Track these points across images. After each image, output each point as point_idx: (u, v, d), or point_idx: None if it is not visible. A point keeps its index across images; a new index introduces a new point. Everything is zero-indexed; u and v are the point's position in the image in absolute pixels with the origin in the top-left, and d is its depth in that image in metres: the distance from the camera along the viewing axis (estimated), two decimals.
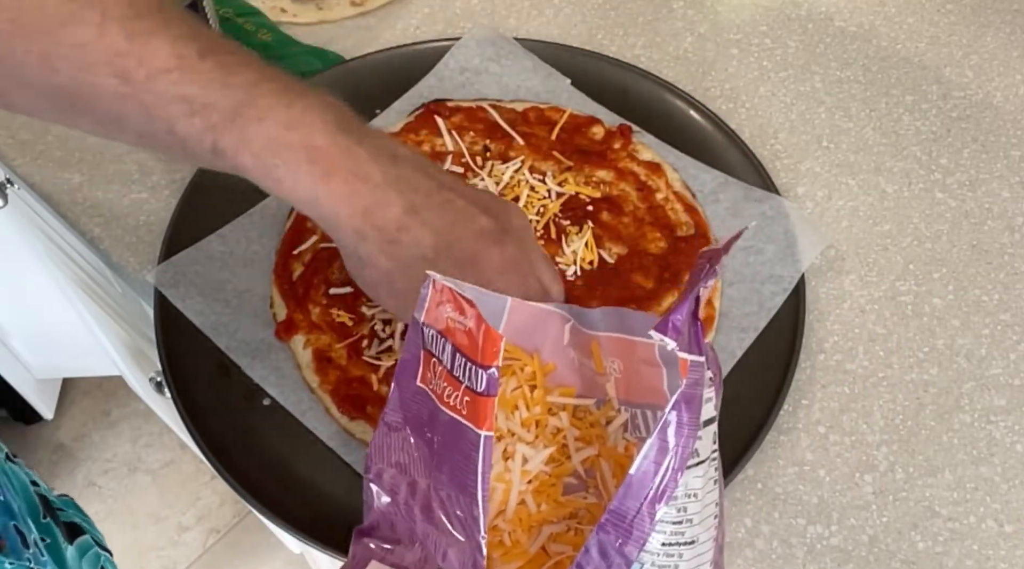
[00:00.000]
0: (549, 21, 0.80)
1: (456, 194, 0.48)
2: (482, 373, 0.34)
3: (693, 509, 0.33)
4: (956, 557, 0.54)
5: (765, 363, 0.59)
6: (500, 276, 0.47)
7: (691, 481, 0.33)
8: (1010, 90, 0.76)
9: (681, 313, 0.32)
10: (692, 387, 0.32)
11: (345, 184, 0.44)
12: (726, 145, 0.69)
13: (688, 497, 0.33)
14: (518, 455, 0.41)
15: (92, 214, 0.67)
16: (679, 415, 0.32)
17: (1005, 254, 0.67)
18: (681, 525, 0.33)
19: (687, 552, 0.33)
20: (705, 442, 0.34)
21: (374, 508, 0.39)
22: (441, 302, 0.37)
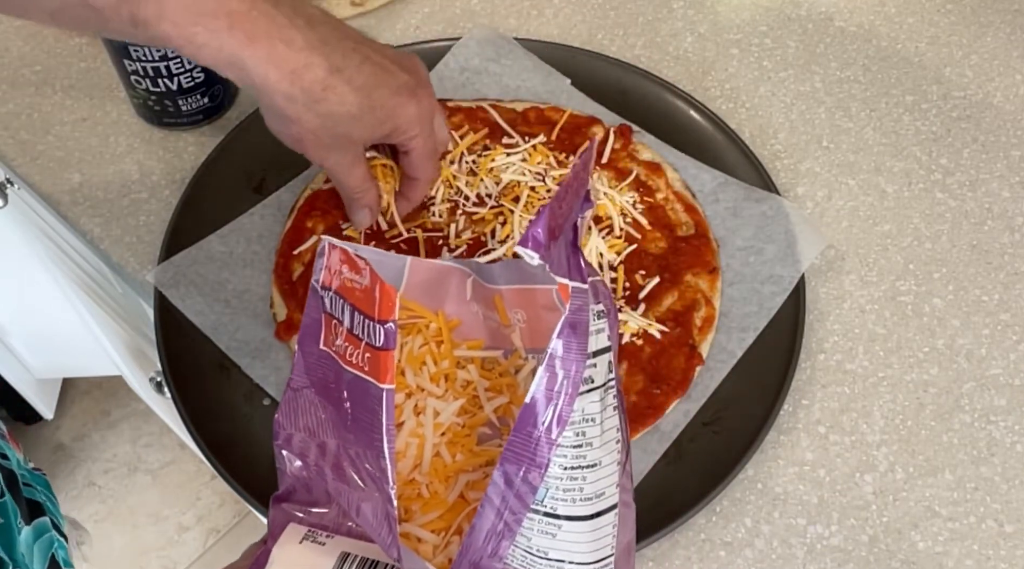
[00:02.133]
0: (549, 21, 0.80)
1: (372, 50, 0.51)
2: (379, 328, 0.35)
3: (592, 433, 0.34)
4: (956, 557, 0.54)
5: (765, 363, 0.59)
6: (417, 125, 0.53)
7: (587, 406, 0.34)
8: (1010, 90, 0.76)
9: (539, 226, 0.33)
10: (576, 313, 0.33)
11: (270, 48, 0.46)
12: (726, 145, 0.69)
13: (586, 422, 0.34)
14: (429, 409, 0.43)
15: (92, 214, 0.67)
16: (566, 341, 0.33)
17: (1005, 254, 0.67)
18: (581, 449, 0.34)
19: (590, 475, 0.34)
20: (600, 369, 0.35)
21: (287, 473, 0.40)
22: (336, 263, 0.38)
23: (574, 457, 0.34)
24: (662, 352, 0.59)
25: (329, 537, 0.38)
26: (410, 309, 0.44)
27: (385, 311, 0.35)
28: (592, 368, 0.34)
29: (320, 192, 0.66)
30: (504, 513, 0.33)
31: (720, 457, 0.55)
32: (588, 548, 0.35)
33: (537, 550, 0.34)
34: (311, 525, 0.39)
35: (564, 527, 0.34)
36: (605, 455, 0.35)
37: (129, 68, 0.66)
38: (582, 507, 0.34)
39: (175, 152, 0.70)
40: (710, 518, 0.55)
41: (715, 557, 0.53)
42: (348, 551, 0.37)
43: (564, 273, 0.34)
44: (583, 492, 0.34)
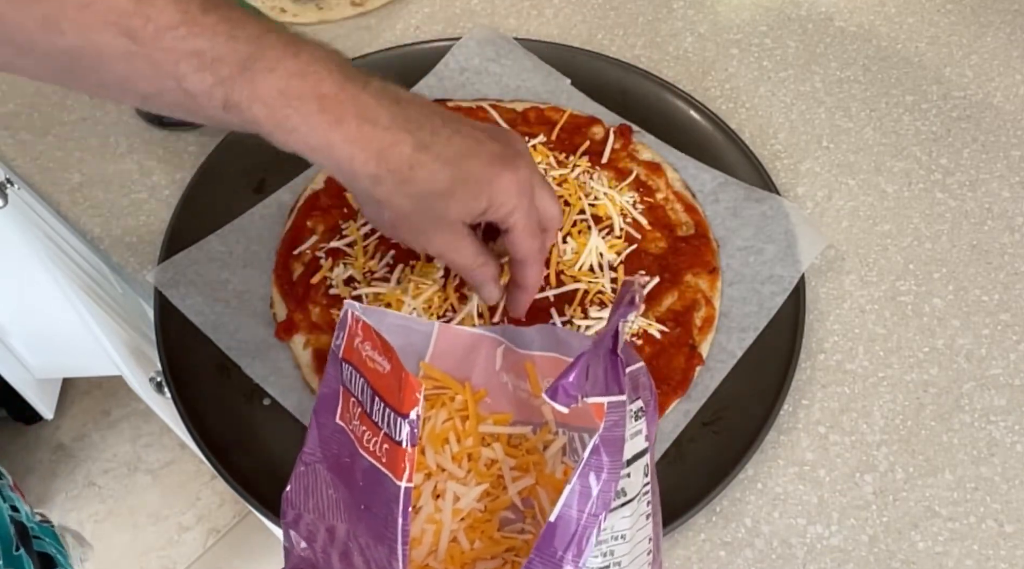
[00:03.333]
0: (549, 21, 0.80)
1: (463, 125, 0.49)
2: (401, 422, 0.32)
3: (621, 551, 0.32)
4: (956, 557, 0.54)
5: (765, 363, 0.59)
6: (515, 196, 0.49)
7: (617, 523, 0.32)
8: (1010, 90, 0.76)
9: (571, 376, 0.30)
10: (612, 429, 0.31)
11: (356, 129, 0.45)
12: (726, 145, 0.69)
13: (615, 540, 0.32)
14: (449, 493, 0.40)
15: (92, 214, 0.67)
16: (599, 459, 0.30)
17: (1005, 254, 0.67)
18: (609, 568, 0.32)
19: None
20: (634, 480, 0.33)
21: (293, 553, 0.38)
22: (359, 336, 0.36)
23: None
24: (662, 352, 0.59)
25: None
26: (435, 379, 0.42)
27: (408, 404, 0.32)
28: (626, 479, 0.32)
29: (320, 192, 0.66)
30: None
31: (720, 457, 0.55)
32: None
33: None
34: None
35: None
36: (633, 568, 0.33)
37: None
38: None
39: (175, 152, 0.70)
40: (710, 518, 0.55)
41: (715, 557, 0.53)
42: None
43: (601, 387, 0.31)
44: None
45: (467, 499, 0.40)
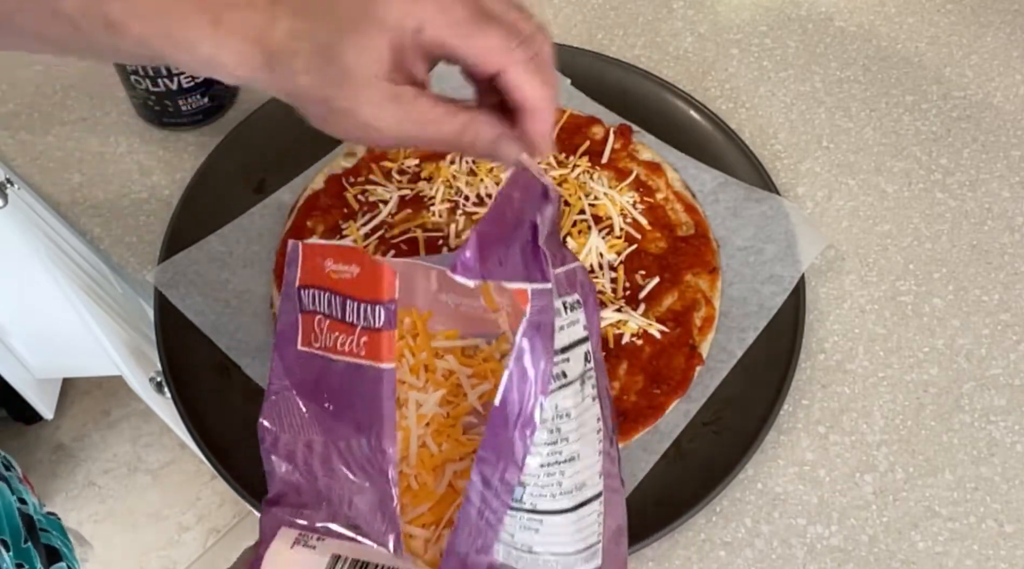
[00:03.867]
0: (549, 21, 0.80)
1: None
2: (380, 308, 0.35)
3: (568, 428, 0.34)
4: (956, 557, 0.54)
5: (765, 363, 0.59)
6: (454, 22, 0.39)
7: (561, 402, 0.34)
8: (1010, 90, 0.76)
9: (468, 250, 0.32)
10: (539, 315, 0.32)
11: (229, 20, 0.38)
12: (726, 145, 0.69)
13: (560, 418, 0.34)
14: (411, 402, 0.42)
15: (92, 214, 0.67)
16: (531, 343, 0.32)
17: (1005, 254, 0.67)
18: (556, 445, 0.34)
19: (568, 469, 0.34)
20: (574, 363, 0.34)
21: (277, 477, 0.39)
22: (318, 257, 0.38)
23: (549, 453, 0.34)
24: (662, 352, 0.59)
25: (320, 540, 0.38)
26: None
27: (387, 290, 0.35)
28: (564, 363, 0.34)
29: (320, 192, 0.66)
30: (485, 512, 0.34)
31: (720, 457, 0.55)
32: (572, 538, 0.35)
33: (521, 545, 0.34)
34: (302, 529, 0.39)
35: (546, 521, 0.34)
36: (584, 447, 0.35)
37: (129, 68, 0.67)
38: (563, 500, 0.34)
39: (175, 152, 0.70)
40: (710, 518, 0.55)
41: (715, 557, 0.53)
42: (339, 553, 0.37)
43: (522, 276, 0.33)
44: (562, 486, 0.34)
45: (428, 405, 0.42)
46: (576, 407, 0.35)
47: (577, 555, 0.35)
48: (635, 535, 0.52)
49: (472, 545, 0.34)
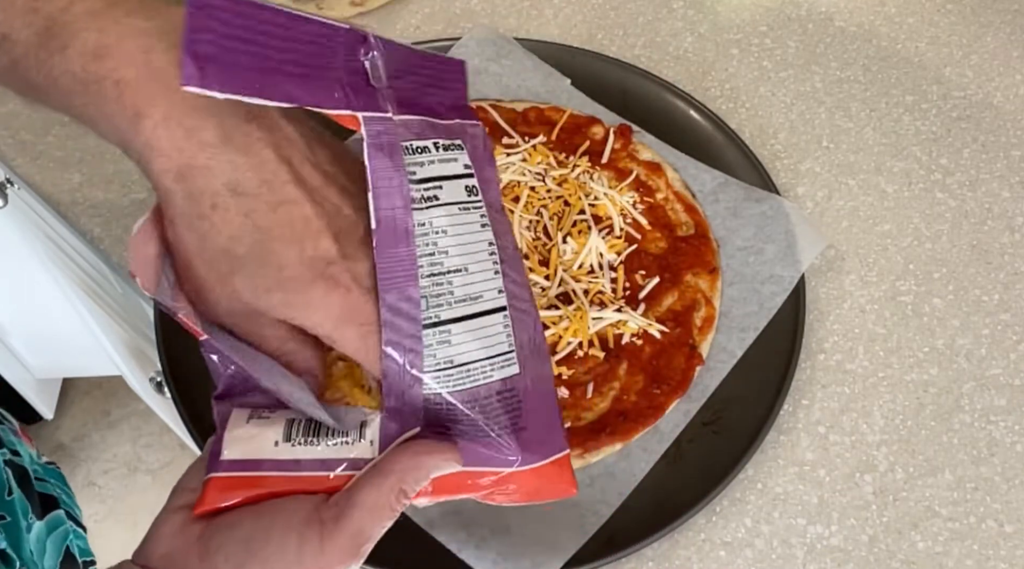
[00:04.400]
0: (549, 21, 0.80)
1: (309, 198, 0.36)
2: None
3: (445, 243, 0.38)
4: (956, 557, 0.54)
5: (765, 363, 0.59)
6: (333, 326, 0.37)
7: (435, 221, 0.38)
8: (1010, 90, 0.76)
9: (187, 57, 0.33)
10: (377, 137, 0.37)
11: (164, 132, 0.34)
12: (726, 145, 0.69)
13: (436, 233, 0.38)
14: None
15: (92, 214, 0.67)
16: (379, 163, 0.36)
17: (1005, 254, 0.67)
18: (435, 256, 0.38)
19: (455, 279, 0.38)
20: (447, 191, 0.39)
21: (222, 376, 0.41)
22: None
23: (430, 263, 0.37)
24: (662, 352, 0.59)
25: (272, 411, 0.40)
26: None
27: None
28: (436, 190, 0.38)
29: None
30: (405, 340, 0.37)
31: (720, 457, 0.55)
32: (480, 345, 0.38)
33: (445, 362, 0.37)
34: (253, 406, 0.41)
35: (453, 331, 0.38)
36: (472, 263, 0.39)
37: None
38: (459, 308, 0.38)
39: None
40: (710, 518, 0.55)
41: (715, 557, 0.53)
42: (292, 418, 0.39)
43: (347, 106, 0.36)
44: (454, 295, 0.38)
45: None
46: (454, 227, 0.39)
47: (489, 361, 0.38)
48: (635, 535, 0.52)
49: (405, 377, 0.37)
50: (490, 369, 0.38)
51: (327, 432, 0.38)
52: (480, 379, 0.38)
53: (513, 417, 0.38)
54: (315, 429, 0.38)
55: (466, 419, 0.38)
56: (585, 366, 0.58)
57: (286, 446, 0.38)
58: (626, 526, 0.52)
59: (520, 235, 0.63)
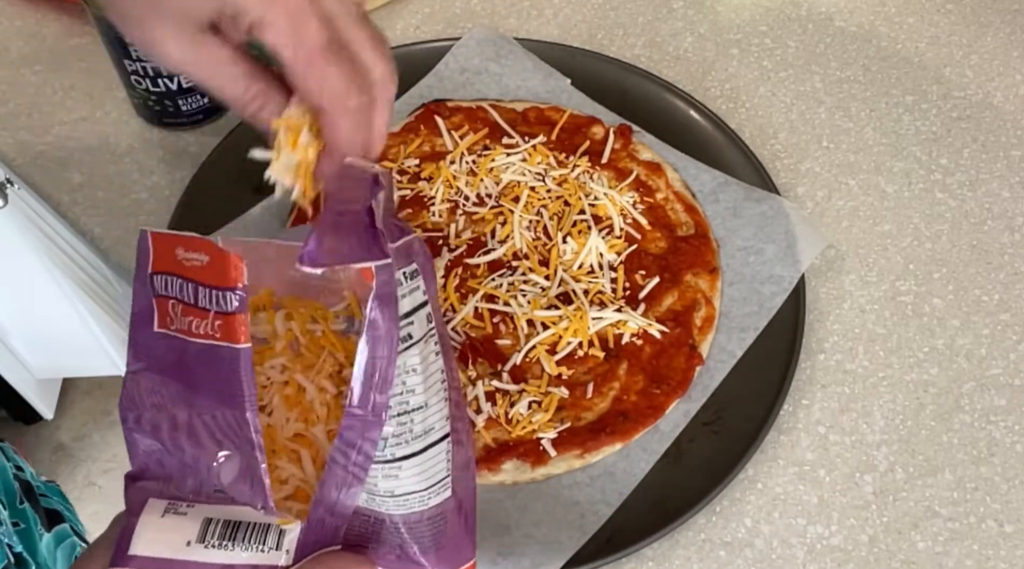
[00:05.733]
0: (549, 21, 0.80)
1: None
2: (230, 294, 0.38)
3: (414, 381, 0.38)
4: (956, 557, 0.54)
5: (765, 363, 0.59)
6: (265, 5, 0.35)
7: (408, 360, 0.38)
8: (1010, 90, 0.76)
9: (310, 246, 0.35)
10: (383, 287, 0.37)
11: None
12: (726, 145, 0.69)
13: (408, 373, 0.38)
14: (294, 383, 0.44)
15: (92, 214, 0.67)
16: (380, 313, 0.36)
17: (1005, 254, 0.67)
18: (403, 396, 0.38)
19: (417, 416, 0.39)
20: (417, 325, 0.39)
21: (140, 452, 0.41)
22: (168, 248, 0.40)
23: (399, 403, 0.38)
24: (662, 352, 0.59)
25: (190, 506, 0.40)
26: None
27: (234, 278, 0.38)
28: (409, 327, 0.38)
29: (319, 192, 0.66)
30: (351, 469, 0.37)
31: (720, 457, 0.55)
32: (424, 477, 0.39)
33: (386, 492, 0.38)
34: (171, 497, 0.41)
35: (404, 466, 0.38)
36: (431, 397, 0.39)
37: (129, 68, 0.66)
38: (415, 445, 0.38)
39: (175, 152, 0.70)
40: (710, 518, 0.55)
41: (715, 557, 0.53)
42: (211, 516, 0.39)
43: (363, 256, 0.37)
44: (413, 432, 0.38)
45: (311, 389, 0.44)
46: (422, 363, 0.39)
47: (428, 490, 0.39)
48: (635, 535, 0.52)
49: (338, 497, 0.38)
50: (427, 497, 0.39)
51: (244, 536, 0.38)
52: (416, 506, 0.39)
53: (436, 537, 0.40)
54: (232, 532, 0.38)
55: (391, 539, 0.39)
56: (585, 366, 0.58)
57: (199, 547, 0.37)
58: (626, 526, 0.52)
59: (520, 235, 0.63)
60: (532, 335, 0.58)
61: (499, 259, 0.62)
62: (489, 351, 0.59)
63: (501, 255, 0.62)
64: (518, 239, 0.63)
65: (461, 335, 0.59)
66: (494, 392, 0.57)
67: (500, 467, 0.54)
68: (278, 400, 0.44)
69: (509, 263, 0.62)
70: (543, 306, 0.59)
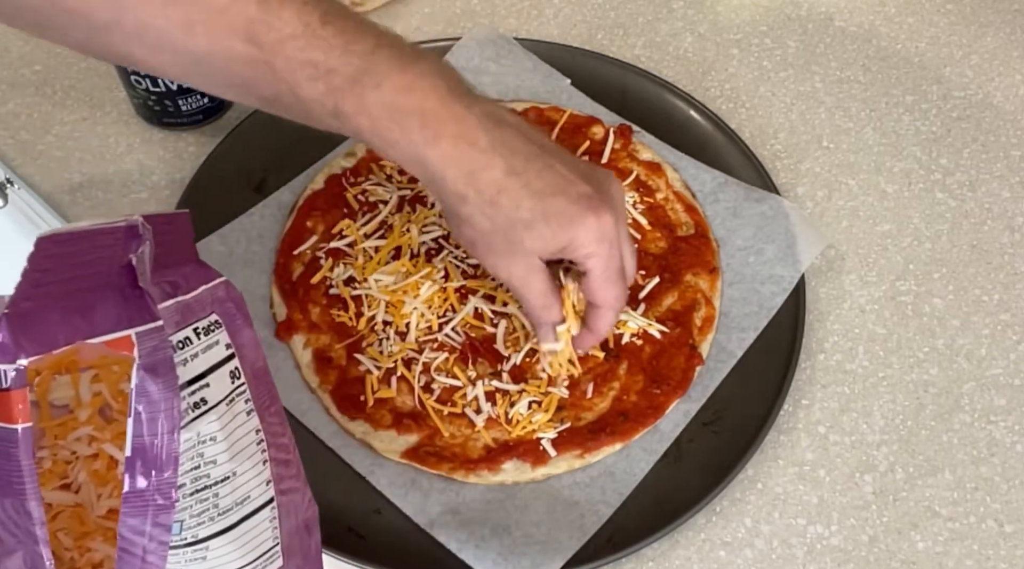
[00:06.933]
0: (549, 21, 0.80)
1: (557, 160, 0.49)
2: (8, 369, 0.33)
3: (214, 451, 0.34)
4: (956, 557, 0.54)
5: (765, 363, 0.59)
6: (594, 242, 0.49)
7: (204, 429, 0.34)
8: (1010, 90, 0.76)
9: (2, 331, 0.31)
10: (152, 355, 0.32)
11: (453, 148, 0.46)
12: (726, 145, 0.69)
13: (203, 443, 0.34)
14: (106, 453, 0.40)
15: (92, 214, 0.67)
16: (152, 384, 0.32)
17: (1005, 254, 0.67)
18: (201, 469, 0.34)
19: (223, 489, 0.35)
20: (215, 387, 0.35)
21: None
22: None
23: (195, 480, 0.34)
24: (662, 352, 0.59)
25: None
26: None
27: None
28: (204, 390, 0.34)
29: (320, 192, 0.66)
30: (148, 558, 0.33)
31: (720, 457, 0.55)
32: (240, 553, 0.35)
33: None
34: None
35: (211, 546, 0.34)
36: (239, 464, 0.35)
37: (129, 68, 0.66)
38: (223, 521, 0.34)
39: (175, 152, 0.70)
40: (710, 518, 0.55)
41: (715, 557, 0.53)
42: None
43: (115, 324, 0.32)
44: (219, 508, 0.34)
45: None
46: (224, 429, 0.35)
47: (251, 564, 0.35)
48: (635, 535, 0.52)
49: None
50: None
51: None
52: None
53: None
54: None
55: None
56: (585, 366, 0.58)
57: None
58: (626, 526, 0.52)
59: None
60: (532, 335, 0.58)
61: None
62: (489, 351, 0.59)
63: None
64: None
65: (461, 335, 0.59)
66: (494, 392, 0.57)
67: (500, 467, 0.54)
68: (85, 476, 0.39)
69: None
70: None
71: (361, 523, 0.53)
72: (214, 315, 0.36)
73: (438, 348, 0.59)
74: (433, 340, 0.59)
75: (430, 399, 0.56)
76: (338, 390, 0.57)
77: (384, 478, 0.54)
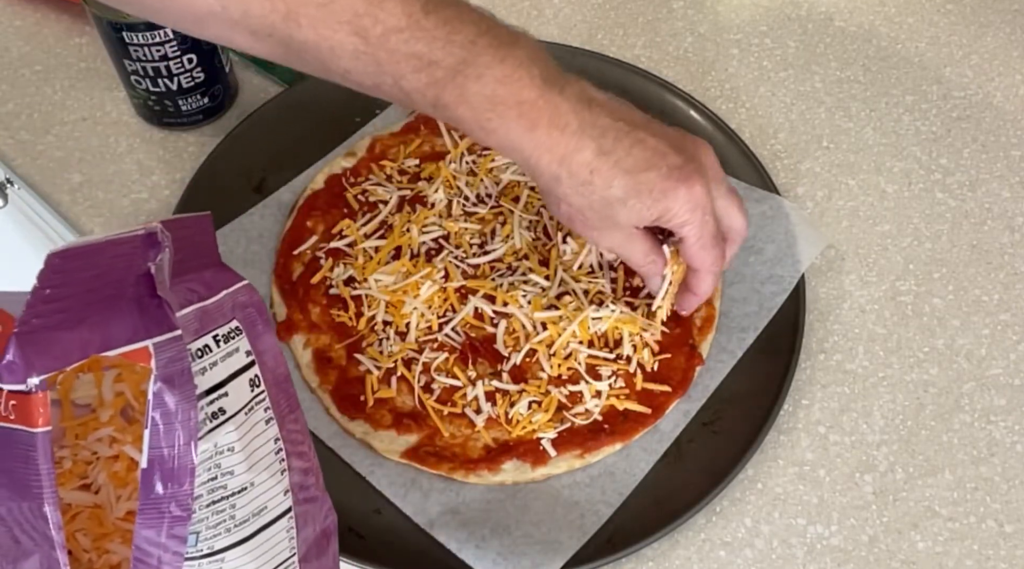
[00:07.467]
0: (549, 21, 0.80)
1: (647, 133, 0.50)
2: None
3: (231, 462, 0.34)
4: (956, 557, 0.54)
5: (765, 363, 0.59)
6: (687, 211, 0.50)
7: (221, 440, 0.34)
8: (1010, 90, 0.76)
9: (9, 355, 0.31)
10: (169, 366, 0.32)
11: (546, 135, 0.48)
12: (726, 145, 0.69)
13: (221, 454, 0.34)
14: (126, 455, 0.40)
15: (92, 214, 0.67)
16: (165, 397, 0.32)
17: (1005, 254, 0.67)
18: (218, 480, 0.34)
19: (240, 500, 0.34)
20: (234, 397, 0.34)
21: None
22: None
23: (212, 491, 0.34)
24: (662, 352, 0.59)
25: None
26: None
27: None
28: (222, 400, 0.34)
29: (320, 192, 0.66)
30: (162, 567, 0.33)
31: (720, 457, 0.55)
32: (257, 563, 0.35)
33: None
34: None
35: (227, 557, 0.34)
36: (257, 475, 0.35)
37: (129, 68, 0.66)
38: (239, 532, 0.34)
39: (175, 152, 0.70)
40: (710, 518, 0.55)
41: (715, 557, 0.53)
42: None
43: (132, 335, 0.32)
44: (236, 518, 0.34)
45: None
46: (242, 439, 0.34)
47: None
48: (635, 535, 0.52)
49: None
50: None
51: None
52: None
53: None
54: None
55: None
56: None
57: None
58: (626, 526, 0.52)
59: (520, 235, 0.63)
60: (532, 335, 0.58)
61: (499, 259, 0.62)
62: (489, 351, 0.59)
63: (501, 255, 0.62)
64: (518, 239, 0.63)
65: (461, 335, 0.59)
66: (494, 392, 0.57)
67: (500, 467, 0.54)
68: (105, 477, 0.39)
69: (509, 263, 0.62)
70: (543, 306, 0.59)
71: (361, 523, 0.53)
72: (235, 321, 0.36)
73: (438, 348, 0.59)
74: (433, 340, 0.59)
75: (430, 399, 0.56)
76: (338, 390, 0.57)
77: (384, 478, 0.54)
